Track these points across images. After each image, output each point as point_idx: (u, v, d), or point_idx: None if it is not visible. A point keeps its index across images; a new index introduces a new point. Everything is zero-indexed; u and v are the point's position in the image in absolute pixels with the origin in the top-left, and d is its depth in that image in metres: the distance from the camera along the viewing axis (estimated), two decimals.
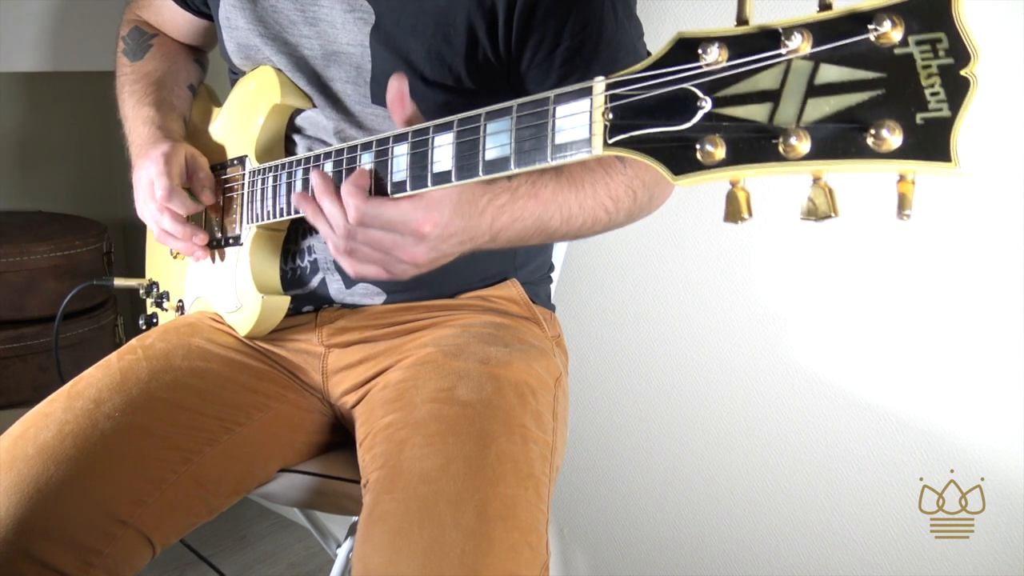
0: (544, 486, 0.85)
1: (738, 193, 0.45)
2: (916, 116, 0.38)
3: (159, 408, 0.92)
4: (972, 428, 1.10)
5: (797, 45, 0.41)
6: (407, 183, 0.74)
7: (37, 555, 0.79)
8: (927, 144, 0.37)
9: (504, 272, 1.07)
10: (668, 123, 0.47)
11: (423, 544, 0.74)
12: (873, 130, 0.38)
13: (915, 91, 0.38)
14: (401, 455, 0.83)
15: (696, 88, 0.45)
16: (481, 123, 0.65)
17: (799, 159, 0.41)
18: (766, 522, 1.33)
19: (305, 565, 1.86)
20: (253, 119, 1.01)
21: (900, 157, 0.38)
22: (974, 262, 1.07)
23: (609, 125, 0.51)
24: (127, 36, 1.20)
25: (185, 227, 1.02)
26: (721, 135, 0.44)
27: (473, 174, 0.66)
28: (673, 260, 1.35)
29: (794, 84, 0.41)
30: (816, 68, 0.41)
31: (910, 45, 0.38)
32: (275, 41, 0.98)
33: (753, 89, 0.43)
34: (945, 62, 0.37)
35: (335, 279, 1.02)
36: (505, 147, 0.62)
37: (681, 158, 0.46)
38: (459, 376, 0.91)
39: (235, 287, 1.02)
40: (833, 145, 0.40)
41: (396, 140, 0.75)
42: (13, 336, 1.68)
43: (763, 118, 0.42)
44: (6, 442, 0.87)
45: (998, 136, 1.01)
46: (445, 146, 0.69)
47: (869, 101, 0.39)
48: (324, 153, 0.84)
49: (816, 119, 0.41)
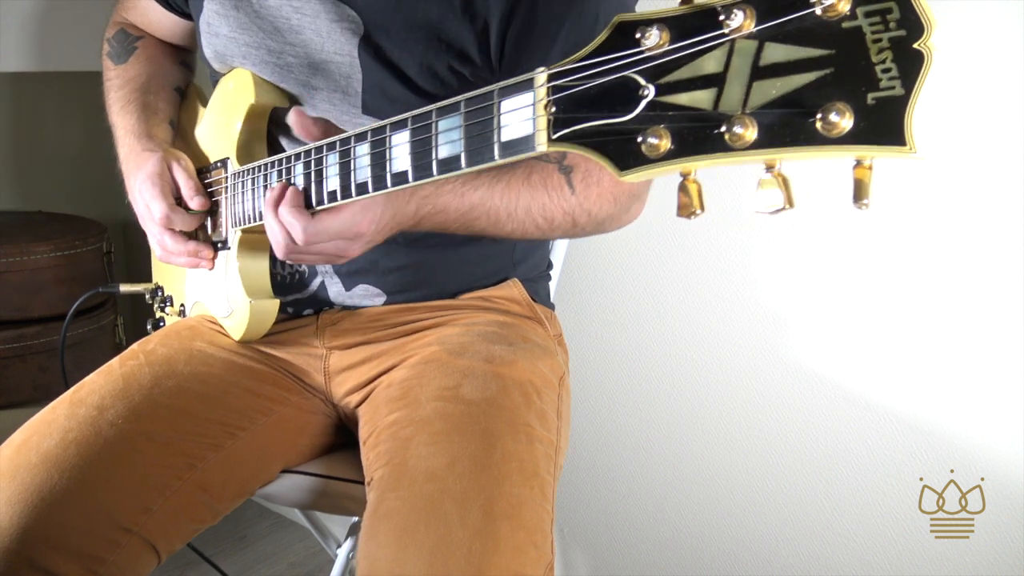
0: (549, 485, 0.85)
1: (689, 186, 0.41)
2: (867, 96, 0.34)
3: (162, 414, 0.92)
4: (972, 428, 1.10)
5: (740, 23, 0.37)
6: (369, 184, 0.72)
7: (41, 564, 0.79)
8: (880, 126, 0.34)
9: (503, 269, 1.07)
10: (611, 114, 0.43)
11: (429, 542, 0.74)
12: (821, 113, 0.35)
13: (865, 68, 0.34)
14: (406, 453, 0.83)
15: (638, 75, 0.42)
16: (433, 120, 0.62)
17: (746, 148, 0.37)
18: (766, 522, 1.32)
19: (305, 565, 1.86)
20: (233, 121, 1.00)
21: (851, 142, 0.35)
22: (974, 262, 1.06)
23: (552, 119, 0.48)
24: (112, 38, 1.19)
25: (188, 244, 1.01)
26: (666, 125, 0.40)
27: (428, 174, 0.64)
28: (673, 259, 1.34)
29: (738, 66, 0.38)
30: (761, 47, 0.37)
31: (859, 17, 0.34)
32: (259, 50, 0.96)
33: (697, 74, 0.39)
34: (896, 34, 0.34)
35: (334, 282, 1.01)
36: (456, 144, 0.59)
37: (626, 152, 0.42)
38: (464, 374, 0.90)
39: (226, 292, 1.01)
40: (781, 132, 0.36)
41: (357, 140, 0.73)
42: (13, 336, 1.68)
43: (708, 105, 0.39)
44: (9, 450, 0.87)
45: (998, 136, 1.00)
46: (402, 145, 0.67)
47: (817, 81, 0.35)
48: (295, 155, 0.82)
49: (762, 104, 0.37)
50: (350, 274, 1.00)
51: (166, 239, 1.00)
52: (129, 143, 1.05)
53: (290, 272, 1.03)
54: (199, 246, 1.01)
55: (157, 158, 1.00)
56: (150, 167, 0.99)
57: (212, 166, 1.03)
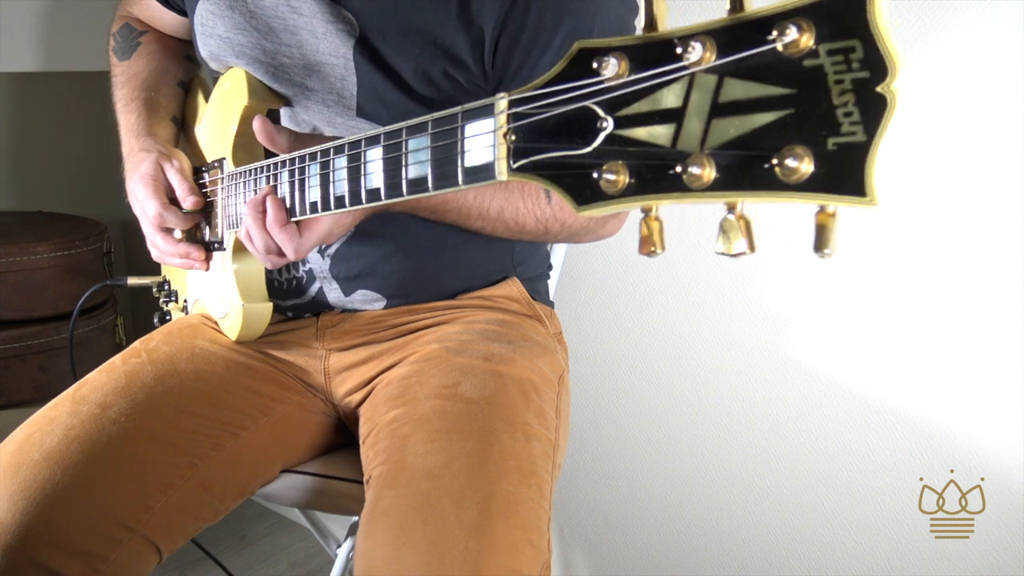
0: (546, 484, 0.85)
1: (651, 224, 0.39)
2: (828, 141, 0.32)
3: (165, 413, 0.92)
4: (972, 428, 1.09)
5: (699, 56, 0.35)
6: (346, 198, 0.71)
7: (43, 562, 0.79)
8: (840, 174, 0.31)
9: (503, 270, 1.07)
10: (570, 146, 0.41)
11: (426, 540, 0.74)
12: (777, 159, 0.32)
13: (826, 111, 0.32)
14: (404, 451, 0.83)
15: (597, 107, 0.40)
16: (403, 139, 0.60)
17: (703, 189, 0.35)
18: (766, 522, 1.32)
19: (305, 565, 1.86)
20: (228, 121, 1.00)
21: (810, 190, 0.32)
22: (974, 262, 1.05)
23: (512, 147, 0.45)
24: (117, 33, 1.19)
25: (179, 246, 1.01)
26: (624, 161, 0.38)
27: (399, 193, 0.62)
28: (673, 258, 1.33)
29: (697, 102, 0.35)
30: (720, 83, 0.35)
31: (821, 55, 0.32)
32: (254, 50, 0.96)
33: (655, 107, 0.37)
34: (859, 76, 0.31)
35: (332, 287, 1.01)
36: (424, 165, 0.57)
37: (584, 186, 0.40)
38: (463, 372, 0.91)
39: (222, 293, 1.01)
40: (740, 174, 0.34)
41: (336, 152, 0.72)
42: (14, 336, 1.68)
43: (666, 141, 0.37)
44: (11, 446, 0.86)
45: (998, 136, 0.99)
46: (376, 161, 0.66)
47: (777, 122, 0.33)
48: (280, 161, 0.82)
49: (720, 144, 0.35)
50: (349, 279, 1.00)
51: (158, 239, 1.00)
52: (129, 143, 1.05)
53: (287, 278, 1.03)
54: (189, 247, 1.00)
55: (151, 159, 1.00)
56: (144, 168, 0.99)
57: (209, 165, 1.03)
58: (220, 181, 0.99)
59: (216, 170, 1.01)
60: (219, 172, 1.00)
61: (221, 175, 0.99)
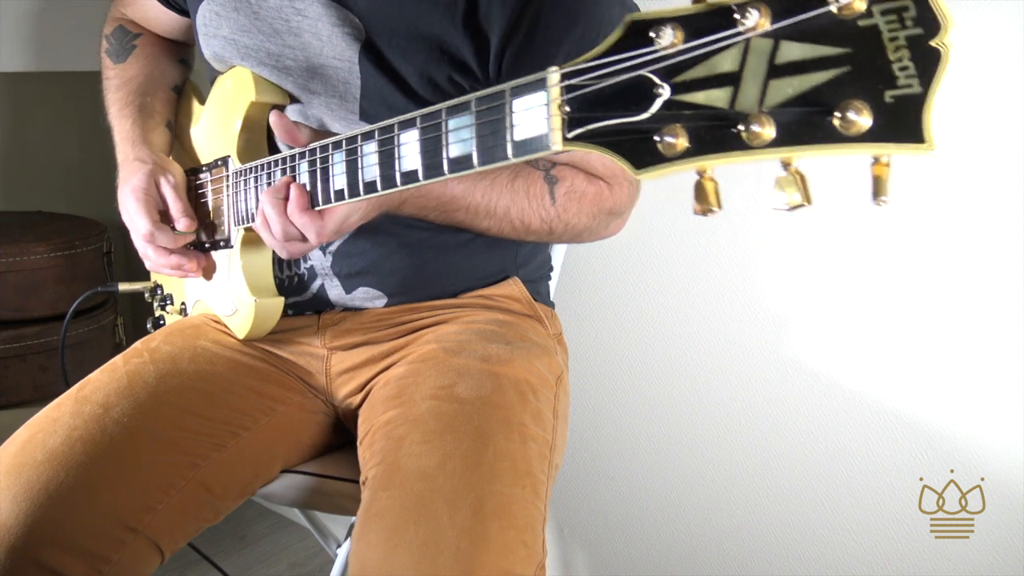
0: (542, 484, 0.85)
1: (706, 184, 0.42)
2: (884, 94, 0.34)
3: (167, 413, 0.92)
4: (972, 428, 1.09)
5: (754, 22, 0.38)
6: (377, 183, 0.72)
7: (47, 563, 0.79)
8: (898, 124, 0.34)
9: (505, 271, 1.07)
10: (627, 113, 0.43)
11: (418, 541, 0.74)
12: (839, 112, 0.35)
13: (882, 66, 0.34)
14: (399, 452, 0.83)
15: (653, 75, 0.42)
16: (443, 119, 0.62)
17: (764, 146, 0.38)
18: (766, 522, 1.32)
19: (305, 565, 1.85)
20: (232, 119, 0.99)
21: (870, 140, 0.35)
22: (974, 262, 1.06)
23: (567, 118, 0.48)
24: (111, 35, 1.18)
25: (170, 258, 1.01)
26: (682, 124, 0.41)
27: (439, 173, 0.64)
28: (673, 258, 1.34)
29: (754, 65, 0.38)
30: (776, 46, 0.37)
31: (875, 15, 0.35)
32: (259, 52, 0.96)
33: (712, 72, 0.40)
34: (913, 32, 0.34)
35: (334, 284, 1.01)
36: (467, 143, 0.59)
37: (643, 151, 0.42)
38: (459, 373, 0.90)
39: (230, 291, 1.01)
40: (799, 130, 0.37)
41: (364, 139, 0.74)
42: (13, 336, 1.68)
43: (724, 104, 0.39)
44: (13, 447, 0.86)
45: (998, 136, 1.00)
46: (411, 143, 0.67)
47: (834, 80, 0.36)
48: (299, 154, 0.82)
49: (779, 102, 0.37)
50: (350, 276, 1.00)
51: (149, 251, 1.01)
52: (124, 150, 1.05)
53: (289, 275, 1.03)
54: (181, 259, 1.01)
55: (145, 172, 1.00)
56: (136, 180, 0.99)
57: (212, 164, 1.03)
58: (225, 179, 0.99)
59: (220, 168, 1.00)
60: (223, 170, 1.00)
61: (226, 173, 0.99)
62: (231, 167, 0.98)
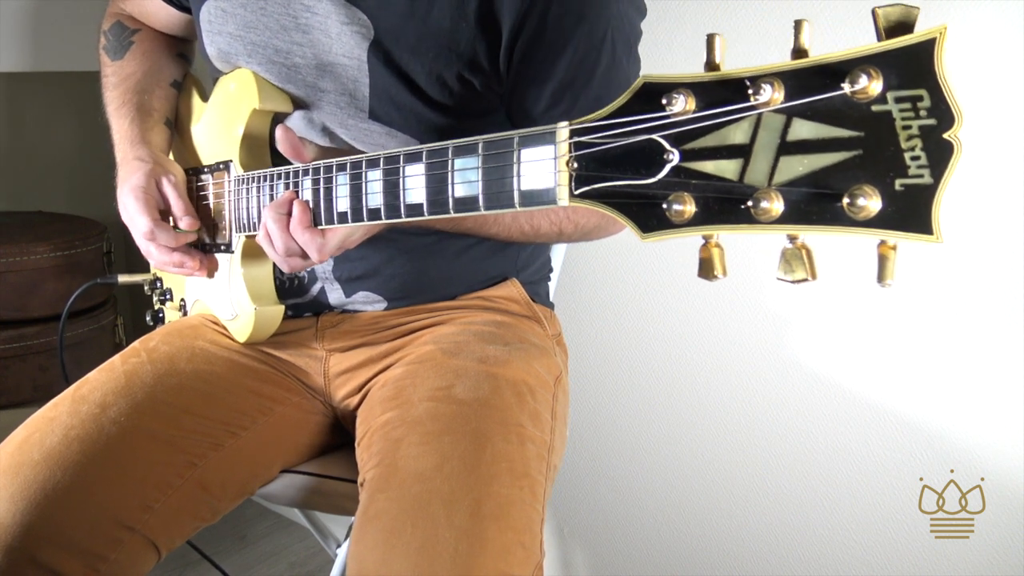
0: (540, 486, 0.84)
1: (712, 250, 0.42)
2: (895, 182, 0.34)
3: (164, 412, 0.91)
4: (972, 428, 1.10)
5: (768, 97, 0.37)
6: (382, 211, 0.72)
7: (44, 562, 0.79)
8: (907, 213, 0.34)
9: (505, 274, 1.07)
10: (635, 176, 0.43)
11: (416, 543, 0.73)
12: (849, 197, 0.35)
13: (894, 154, 0.34)
14: (397, 453, 0.83)
15: (663, 139, 0.42)
16: (448, 157, 0.62)
17: (771, 222, 0.38)
18: (766, 522, 1.32)
19: (305, 565, 1.86)
20: (234, 124, 0.98)
21: (878, 226, 0.35)
22: (974, 262, 1.05)
23: (574, 175, 0.48)
24: (108, 31, 1.16)
25: (172, 255, 1.00)
26: (690, 192, 0.41)
27: (444, 210, 0.64)
28: (673, 258, 1.33)
29: (765, 140, 0.38)
30: (788, 123, 0.37)
31: (889, 102, 0.35)
32: (266, 48, 0.95)
33: (722, 143, 0.40)
34: (927, 123, 0.34)
35: (334, 288, 1.01)
36: (473, 185, 0.59)
37: (650, 215, 0.43)
38: (457, 375, 0.90)
39: (230, 296, 1.00)
40: (807, 209, 0.37)
41: (369, 165, 0.73)
42: (13, 336, 1.68)
43: (733, 175, 0.39)
44: (10, 446, 0.86)
45: (998, 136, 1.00)
46: (416, 176, 0.67)
47: (845, 163, 0.36)
48: (303, 170, 0.82)
49: (789, 180, 0.37)
50: (351, 281, 1.00)
51: (151, 249, 1.00)
52: (123, 149, 1.04)
53: (289, 277, 1.03)
54: (184, 256, 1.00)
55: (145, 171, 0.99)
56: (135, 180, 0.98)
57: (213, 167, 1.02)
58: (226, 184, 0.99)
59: (221, 172, 1.00)
60: (225, 174, 0.99)
61: (227, 178, 0.98)
62: (233, 172, 0.98)
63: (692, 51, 1.24)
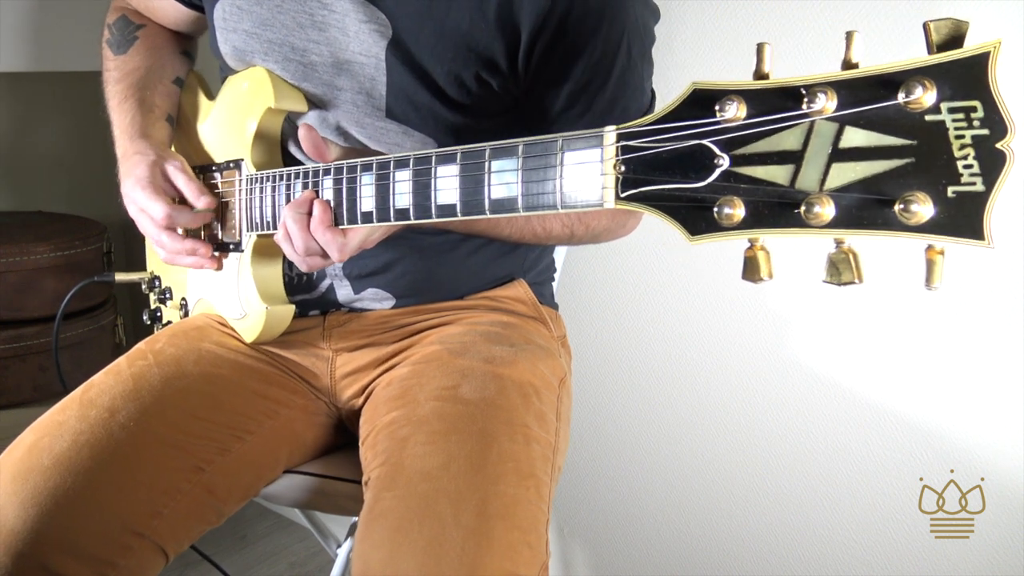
0: (545, 486, 0.85)
1: (758, 254, 0.43)
2: (948, 189, 0.36)
3: (172, 417, 0.91)
4: (972, 428, 1.10)
5: (821, 106, 0.39)
6: (410, 211, 0.72)
7: (54, 568, 0.79)
8: (959, 219, 0.36)
9: (512, 274, 1.07)
10: (683, 179, 0.45)
11: (422, 542, 0.74)
12: (902, 203, 0.37)
13: (947, 162, 0.36)
14: (403, 452, 0.83)
15: (713, 145, 0.43)
16: (486, 159, 0.63)
17: (823, 226, 0.39)
18: (766, 522, 1.33)
19: (305, 565, 1.85)
20: (247, 122, 0.98)
21: (930, 232, 0.37)
22: (974, 262, 1.06)
23: (621, 178, 0.49)
24: (112, 25, 1.15)
25: (185, 243, 0.99)
26: (740, 196, 0.42)
27: (479, 211, 0.64)
28: (674, 260, 1.34)
29: (817, 146, 0.39)
30: (841, 131, 0.39)
31: (942, 112, 0.36)
32: (283, 46, 0.94)
33: (774, 149, 0.41)
34: (980, 133, 0.35)
35: (343, 284, 1.01)
36: (512, 187, 0.60)
37: (698, 218, 0.44)
38: (463, 374, 0.90)
39: (239, 295, 1.00)
40: (859, 214, 0.38)
41: (397, 165, 0.73)
42: (13, 336, 1.67)
43: (785, 181, 0.41)
44: (19, 451, 0.86)
45: None
46: (449, 177, 0.67)
47: (898, 170, 0.37)
48: (324, 169, 0.82)
49: (841, 186, 0.39)
50: (360, 277, 1.00)
51: (164, 237, 0.99)
52: (123, 144, 1.03)
53: (299, 273, 1.03)
54: (196, 244, 0.99)
55: (148, 163, 0.98)
56: (139, 171, 0.97)
57: (223, 165, 1.01)
58: (238, 183, 0.98)
59: (232, 171, 0.99)
60: (236, 174, 0.98)
61: (239, 176, 0.98)
62: (244, 171, 0.97)
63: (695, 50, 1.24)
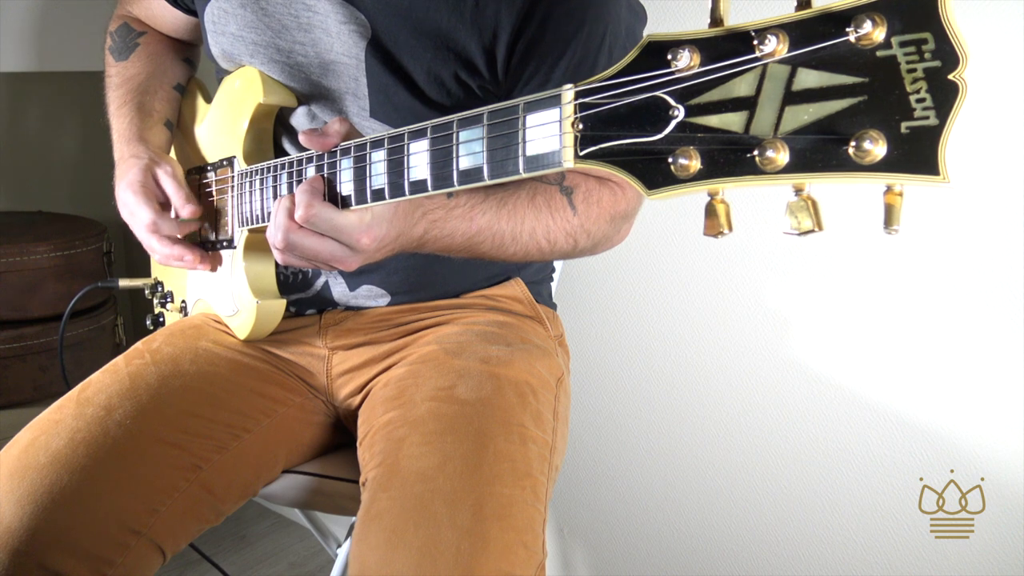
0: (542, 486, 0.85)
1: (717, 206, 0.42)
2: (901, 125, 0.35)
3: (169, 414, 0.92)
4: (972, 428, 1.10)
5: (772, 48, 0.38)
6: (385, 191, 0.72)
7: (51, 566, 0.78)
8: (913, 155, 0.34)
9: (507, 271, 1.07)
10: (640, 133, 0.44)
11: (418, 543, 0.74)
12: (855, 141, 0.35)
13: (899, 97, 0.35)
14: (399, 453, 0.83)
15: (668, 96, 0.42)
16: (454, 131, 0.62)
17: (777, 172, 0.38)
18: (766, 522, 1.32)
19: (305, 565, 1.86)
20: (239, 119, 0.99)
21: (884, 170, 0.35)
22: (974, 262, 1.06)
23: (580, 136, 0.48)
24: (115, 32, 1.17)
25: (173, 248, 1.00)
26: (695, 146, 0.41)
27: (448, 184, 0.64)
28: (673, 259, 1.34)
29: (770, 90, 0.38)
30: (794, 73, 0.38)
31: (893, 47, 0.35)
32: (268, 48, 0.95)
33: (728, 96, 0.40)
34: (931, 65, 0.34)
35: (338, 282, 1.01)
36: (478, 156, 0.59)
37: (655, 171, 0.43)
38: (459, 375, 0.90)
39: (231, 291, 1.01)
40: (813, 157, 0.37)
41: (373, 146, 0.73)
42: (13, 336, 1.68)
43: (739, 128, 0.39)
44: (16, 449, 0.86)
45: (998, 136, 1.00)
46: (420, 153, 0.67)
47: (851, 108, 0.36)
48: (307, 157, 0.82)
49: (794, 129, 0.38)
50: (355, 274, 1.00)
51: (153, 242, 1.00)
52: (120, 148, 1.05)
53: (294, 272, 1.03)
54: (184, 249, 1.00)
55: (141, 167, 0.99)
56: (132, 175, 0.99)
57: (217, 164, 1.02)
58: (230, 180, 0.99)
59: (225, 168, 1.00)
60: (228, 171, 0.99)
61: (231, 173, 0.99)
62: (236, 168, 0.98)
63: None
